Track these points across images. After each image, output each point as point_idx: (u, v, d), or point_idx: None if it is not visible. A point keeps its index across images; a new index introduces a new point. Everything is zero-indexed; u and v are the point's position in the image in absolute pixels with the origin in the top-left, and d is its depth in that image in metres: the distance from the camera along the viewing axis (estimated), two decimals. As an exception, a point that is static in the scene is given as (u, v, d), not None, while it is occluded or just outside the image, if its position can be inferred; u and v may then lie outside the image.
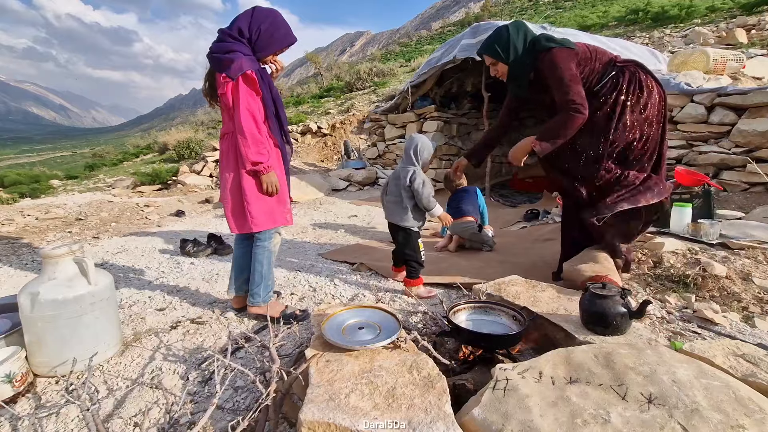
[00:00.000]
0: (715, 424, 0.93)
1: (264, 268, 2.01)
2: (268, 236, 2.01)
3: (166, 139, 12.24)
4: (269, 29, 1.83)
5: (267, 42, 1.84)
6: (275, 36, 1.85)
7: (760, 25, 7.96)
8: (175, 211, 5.08)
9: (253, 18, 1.82)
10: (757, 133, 3.08)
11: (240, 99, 1.73)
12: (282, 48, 1.90)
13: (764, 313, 1.91)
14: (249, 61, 1.78)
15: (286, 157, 2.05)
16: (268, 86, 1.90)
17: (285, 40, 1.89)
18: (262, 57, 1.87)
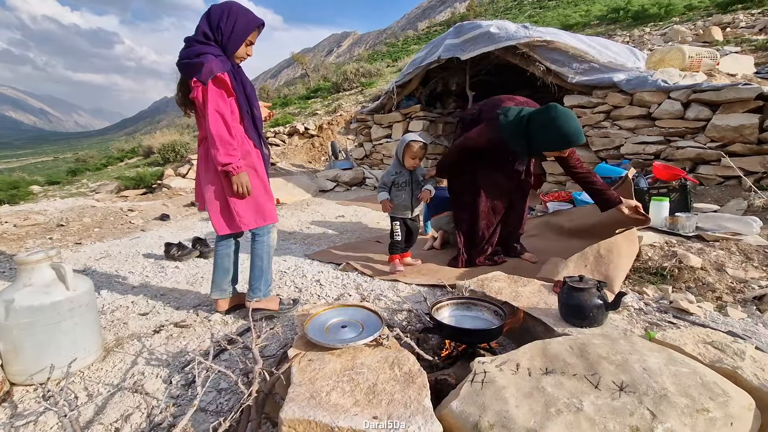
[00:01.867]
0: (682, 409, 0.96)
1: (264, 263, 2.03)
2: (266, 231, 2.02)
3: (151, 143, 12.08)
4: (229, 23, 1.78)
5: (232, 37, 1.80)
6: (237, 27, 1.80)
7: (735, 23, 8.18)
8: (159, 215, 5.02)
9: (210, 18, 1.79)
10: (731, 128, 3.17)
11: (209, 101, 1.71)
12: (249, 36, 1.85)
13: (736, 302, 1.97)
14: (220, 62, 1.75)
15: (266, 157, 2.04)
16: (242, 85, 1.88)
17: (249, 28, 1.84)
18: (233, 53, 1.84)
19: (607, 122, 3.93)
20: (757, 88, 3.12)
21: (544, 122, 2.09)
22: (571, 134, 2.04)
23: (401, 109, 5.87)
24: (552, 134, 2.07)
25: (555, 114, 2.06)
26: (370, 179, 6.26)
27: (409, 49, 21.12)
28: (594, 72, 4.00)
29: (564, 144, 2.09)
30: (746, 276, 2.13)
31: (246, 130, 1.91)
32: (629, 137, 3.76)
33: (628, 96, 3.75)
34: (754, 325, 1.77)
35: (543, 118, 2.10)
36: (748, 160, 3.12)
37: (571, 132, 2.04)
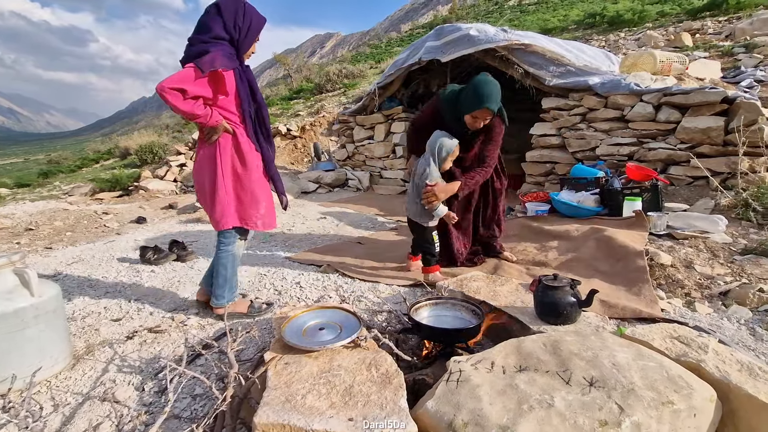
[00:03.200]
0: (648, 402, 0.99)
1: (228, 271, 2.01)
2: (232, 240, 1.99)
3: (128, 144, 11.79)
4: (246, 20, 1.78)
5: (248, 35, 1.81)
6: (253, 25, 1.81)
7: (703, 29, 8.50)
8: (136, 218, 4.89)
9: (224, 15, 1.74)
10: (699, 130, 3.29)
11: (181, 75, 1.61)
12: (258, 34, 1.87)
13: (704, 297, 2.05)
14: (228, 59, 1.72)
15: (269, 160, 2.02)
16: (250, 86, 1.88)
17: (261, 25, 1.85)
18: (246, 51, 1.85)
19: (583, 124, 4.02)
20: (723, 92, 3.25)
21: (469, 85, 2.19)
22: (484, 95, 2.10)
23: (383, 110, 5.87)
24: (469, 94, 2.16)
25: (477, 79, 2.18)
26: (353, 180, 6.25)
27: (392, 51, 21.20)
28: (570, 75, 4.10)
29: (476, 103, 2.12)
30: (713, 272, 2.21)
31: (248, 133, 1.90)
32: (604, 139, 3.86)
33: (603, 99, 3.85)
34: (719, 319, 1.84)
35: (470, 82, 2.20)
36: (715, 161, 3.24)
37: (484, 93, 2.10)
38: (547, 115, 4.25)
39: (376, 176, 6.20)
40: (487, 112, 2.17)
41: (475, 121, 2.24)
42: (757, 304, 1.91)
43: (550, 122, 4.26)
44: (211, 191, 1.87)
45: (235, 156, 1.88)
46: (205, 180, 1.89)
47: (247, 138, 1.90)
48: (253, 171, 1.92)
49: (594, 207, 3.18)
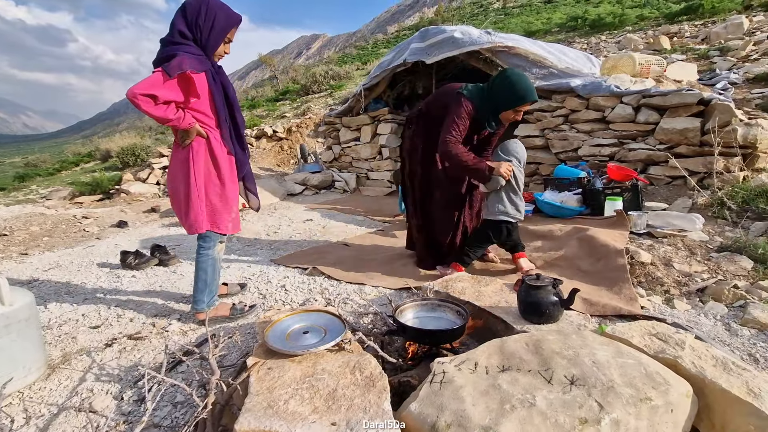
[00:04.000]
0: (627, 399, 1.01)
1: (208, 275, 2.00)
2: (211, 244, 1.99)
3: (109, 146, 11.51)
4: (208, 19, 1.73)
5: (212, 34, 1.75)
6: (217, 24, 1.75)
7: (681, 33, 8.74)
8: (117, 222, 4.78)
9: (187, 14, 1.72)
10: (676, 130, 3.37)
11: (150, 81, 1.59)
12: (229, 34, 1.82)
13: (682, 294, 2.09)
14: (197, 61, 1.70)
15: (241, 163, 2.03)
16: (223, 88, 1.85)
17: (229, 24, 1.79)
18: (213, 51, 1.80)
19: (566, 125, 4.09)
20: (699, 94, 3.34)
21: (503, 82, 2.19)
22: (528, 89, 2.16)
23: (369, 111, 5.87)
24: (510, 90, 2.16)
25: (511, 73, 2.20)
26: (340, 182, 6.23)
27: (378, 53, 21.23)
28: (553, 77, 4.16)
29: (522, 98, 2.17)
30: (690, 270, 2.27)
31: (223, 137, 1.90)
32: (586, 140, 3.93)
33: (585, 100, 3.92)
34: (696, 315, 1.89)
35: (502, 79, 2.21)
36: (692, 161, 3.33)
37: (527, 87, 2.16)
38: (531, 116, 4.31)
39: (363, 178, 6.19)
40: (528, 105, 2.23)
41: (517, 114, 2.28)
42: (732, 300, 1.96)
43: (533, 123, 4.31)
44: (185, 195, 1.86)
45: (209, 160, 1.87)
46: (179, 184, 1.87)
47: (221, 142, 1.90)
48: (227, 175, 1.93)
49: (576, 207, 3.23)
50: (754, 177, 3.10)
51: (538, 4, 21.58)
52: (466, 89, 2.30)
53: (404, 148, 2.69)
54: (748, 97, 4.89)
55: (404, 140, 2.69)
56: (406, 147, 2.66)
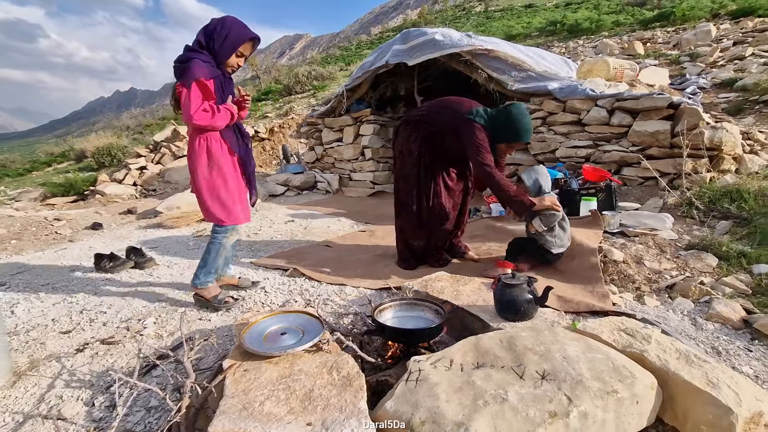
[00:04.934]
0: (595, 392, 1.04)
1: (210, 257, 2.20)
2: (223, 232, 2.19)
3: (84, 146, 11.16)
4: (222, 32, 1.97)
5: (224, 45, 1.99)
6: (229, 37, 1.98)
7: (654, 39, 9.05)
8: (91, 224, 4.64)
9: (207, 28, 2.00)
10: (648, 133, 3.49)
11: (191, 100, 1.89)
12: (240, 48, 2.02)
13: (652, 291, 2.17)
14: (207, 68, 1.94)
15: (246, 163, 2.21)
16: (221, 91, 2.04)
17: (240, 39, 2.01)
18: (223, 61, 2.02)
19: (544, 128, 4.18)
20: (668, 98, 3.47)
21: (508, 117, 2.31)
22: (528, 130, 2.33)
23: (352, 112, 5.86)
24: (513, 127, 2.30)
25: (518, 110, 2.32)
26: (322, 183, 6.20)
27: (362, 54, 21.24)
28: (531, 80, 4.25)
29: (521, 137, 2.32)
30: (660, 267, 2.35)
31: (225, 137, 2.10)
32: (563, 141, 4.03)
33: (562, 103, 4.02)
34: (665, 311, 1.96)
35: (508, 113, 2.32)
36: (663, 163, 3.46)
37: (528, 128, 2.32)
38: (510, 118, 4.38)
39: (346, 179, 6.19)
40: (524, 145, 2.40)
41: (510, 150, 2.44)
42: (698, 296, 2.04)
43: (513, 125, 4.39)
44: (197, 189, 2.11)
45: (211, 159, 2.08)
46: (192, 179, 2.13)
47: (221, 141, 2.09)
48: (229, 172, 2.13)
49: (554, 207, 3.30)
50: (720, 178, 3.23)
51: (519, 8, 21.99)
52: (477, 116, 2.34)
53: (396, 148, 2.68)
54: (715, 101, 5.11)
55: (398, 138, 2.68)
56: (399, 147, 2.65)
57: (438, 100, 2.62)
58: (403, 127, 2.67)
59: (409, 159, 2.57)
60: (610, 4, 15.93)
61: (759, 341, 1.68)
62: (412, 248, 2.70)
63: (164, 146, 7.98)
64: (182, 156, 7.61)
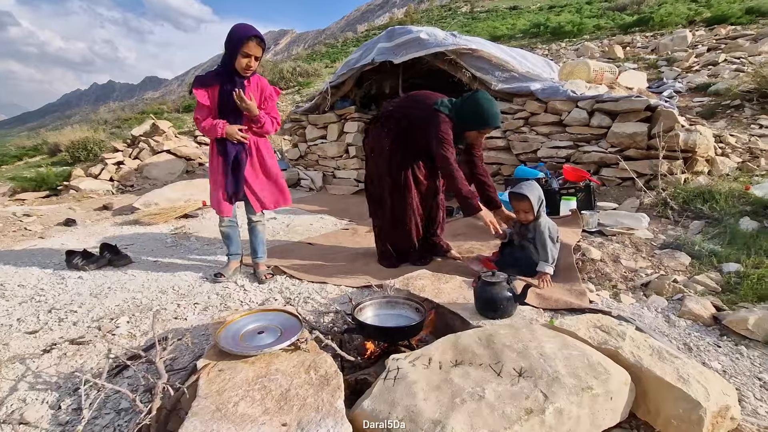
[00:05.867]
0: (570, 388, 1.05)
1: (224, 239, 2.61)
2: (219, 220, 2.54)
3: (58, 139, 10.75)
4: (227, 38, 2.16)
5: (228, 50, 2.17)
6: (232, 40, 2.14)
7: (633, 43, 9.27)
8: (64, 221, 4.47)
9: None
10: (626, 134, 3.57)
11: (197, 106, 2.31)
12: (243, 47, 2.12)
13: (628, 289, 2.22)
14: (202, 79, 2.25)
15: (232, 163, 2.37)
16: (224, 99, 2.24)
17: (240, 39, 2.11)
18: (232, 65, 2.18)
19: (526, 128, 4.23)
20: (646, 101, 3.56)
21: (473, 104, 2.30)
22: (497, 115, 2.32)
23: (336, 110, 5.81)
24: (481, 113, 2.28)
25: (482, 96, 2.32)
26: (305, 180, 6.14)
27: (348, 51, 21.09)
28: (514, 80, 4.29)
29: (490, 122, 2.31)
30: (636, 266, 2.41)
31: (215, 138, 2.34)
32: (545, 142, 4.08)
33: (543, 104, 4.07)
34: (640, 308, 2.01)
35: (474, 100, 2.31)
36: (640, 164, 3.54)
37: (496, 112, 2.32)
38: (494, 118, 4.42)
39: (330, 176, 6.13)
40: (492, 129, 2.42)
41: (481, 137, 2.44)
42: (671, 294, 2.10)
43: (496, 125, 4.43)
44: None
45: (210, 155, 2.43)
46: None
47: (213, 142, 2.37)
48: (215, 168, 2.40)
49: (535, 206, 3.34)
50: (694, 179, 3.34)
51: (504, 10, 22.22)
52: (442, 106, 2.35)
53: (367, 146, 2.68)
54: (690, 105, 5.27)
55: (368, 137, 2.68)
56: (370, 145, 2.66)
57: (406, 95, 2.66)
58: (373, 125, 2.68)
59: (380, 157, 2.57)
60: (592, 8, 16.24)
61: (727, 337, 1.74)
62: (392, 247, 2.69)
63: (143, 141, 7.75)
64: (161, 151, 7.42)
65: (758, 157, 3.74)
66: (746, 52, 6.63)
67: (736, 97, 4.91)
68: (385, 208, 2.63)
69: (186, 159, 7.44)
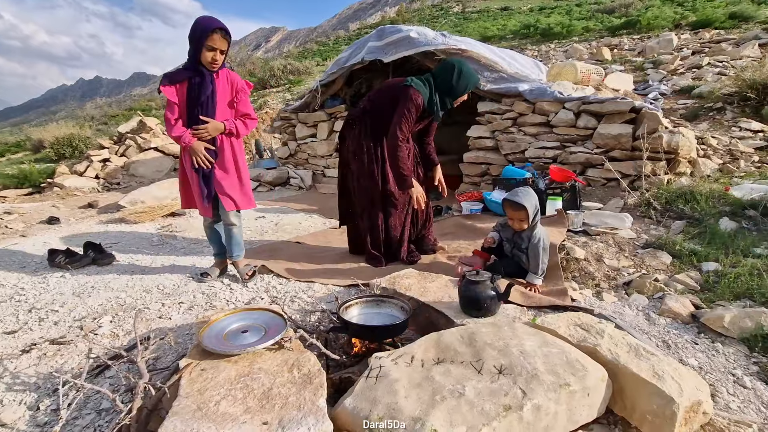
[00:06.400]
0: (548, 385, 1.07)
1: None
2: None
3: (42, 136, 10.52)
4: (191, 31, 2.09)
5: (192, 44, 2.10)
6: (195, 33, 2.07)
7: (620, 45, 9.41)
8: (47, 219, 4.39)
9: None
10: (611, 136, 3.63)
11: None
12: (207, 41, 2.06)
13: (610, 288, 2.26)
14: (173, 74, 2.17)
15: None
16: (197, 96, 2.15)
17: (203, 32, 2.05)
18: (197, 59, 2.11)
19: (514, 128, 4.27)
20: (630, 102, 3.62)
21: (451, 72, 2.38)
22: (474, 74, 2.45)
23: (326, 108, 5.80)
24: (466, 77, 2.39)
25: (460, 63, 2.42)
26: (295, 179, 6.11)
27: (339, 49, 21.02)
28: (503, 81, 4.33)
29: (476, 82, 2.50)
30: (619, 265, 2.45)
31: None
32: (532, 142, 4.12)
33: (531, 105, 4.11)
34: (621, 306, 2.05)
35: (449, 69, 2.40)
36: (625, 165, 3.60)
37: (473, 72, 2.44)
38: (482, 118, 4.46)
39: (320, 175, 6.12)
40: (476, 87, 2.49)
41: (464, 97, 2.49)
42: (652, 292, 2.14)
43: (485, 125, 4.46)
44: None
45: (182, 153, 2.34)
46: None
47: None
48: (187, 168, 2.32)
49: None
50: (676, 180, 3.40)
51: (495, 10, 22.37)
52: (413, 82, 2.37)
53: (349, 150, 2.66)
54: (674, 107, 5.37)
55: (346, 140, 2.67)
56: (351, 148, 2.64)
57: (377, 89, 2.70)
58: (348, 127, 2.66)
59: (365, 156, 2.58)
60: (581, 10, 16.45)
61: (704, 334, 1.78)
62: (382, 245, 2.70)
63: (129, 138, 7.64)
64: (148, 148, 7.32)
65: (738, 158, 3.83)
66: (729, 56, 6.77)
67: (719, 100, 5.02)
68: (374, 207, 2.64)
69: (174, 156, 7.35)
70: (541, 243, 2.11)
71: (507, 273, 2.20)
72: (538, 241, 2.11)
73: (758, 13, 9.48)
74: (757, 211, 2.73)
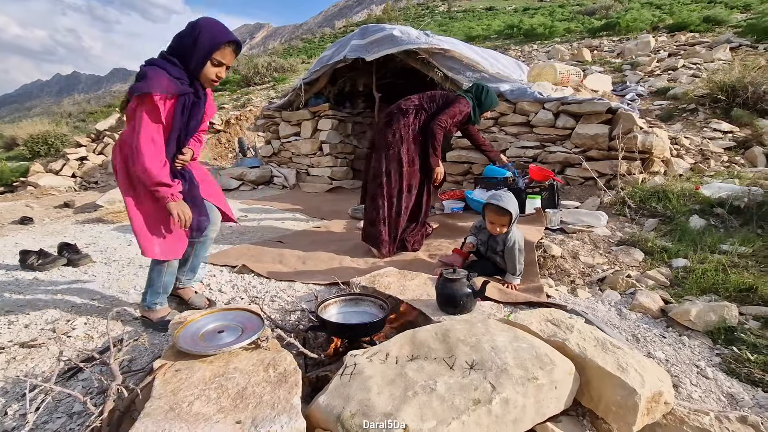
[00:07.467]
0: (517, 379, 1.11)
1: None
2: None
3: (15, 133, 10.18)
4: (192, 35, 1.61)
5: (195, 52, 1.61)
6: (200, 41, 1.60)
7: (600, 47, 9.61)
8: (19, 218, 4.26)
9: (179, 32, 1.65)
10: (589, 136, 3.72)
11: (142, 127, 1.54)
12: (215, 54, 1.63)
13: (585, 284, 2.32)
14: (169, 82, 1.55)
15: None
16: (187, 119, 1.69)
17: (214, 43, 1.61)
18: (197, 72, 1.65)
19: (496, 128, 4.33)
20: (607, 103, 3.71)
21: (490, 93, 3.00)
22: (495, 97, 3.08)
23: (310, 107, 5.77)
24: (493, 99, 3.03)
25: (484, 86, 3.03)
26: (279, 178, 6.07)
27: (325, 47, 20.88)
28: (484, 81, 4.37)
29: (495, 103, 3.09)
30: (594, 262, 2.52)
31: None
32: (513, 142, 4.19)
33: (512, 105, 4.18)
34: (595, 302, 2.11)
35: (486, 91, 2.99)
36: (601, 164, 3.69)
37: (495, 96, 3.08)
38: (465, 118, 4.50)
39: (303, 174, 6.09)
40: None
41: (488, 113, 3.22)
42: (624, 288, 2.21)
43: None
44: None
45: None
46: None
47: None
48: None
49: (502, 204, 3.44)
50: (650, 179, 3.51)
51: (480, 10, 22.57)
52: (466, 93, 2.97)
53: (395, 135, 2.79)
54: (650, 108, 5.52)
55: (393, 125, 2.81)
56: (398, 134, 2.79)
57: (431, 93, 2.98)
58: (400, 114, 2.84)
59: (412, 145, 2.82)
60: (564, 11, 16.74)
61: (672, 328, 1.85)
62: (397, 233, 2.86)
63: (108, 135, 7.46)
64: (128, 146, 7.15)
65: (709, 158, 3.97)
66: (702, 59, 6.99)
67: (692, 101, 5.18)
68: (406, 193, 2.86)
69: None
70: (517, 245, 2.16)
71: (484, 274, 2.23)
72: (513, 244, 2.15)
73: (730, 17, 9.81)
74: (725, 209, 2.84)
